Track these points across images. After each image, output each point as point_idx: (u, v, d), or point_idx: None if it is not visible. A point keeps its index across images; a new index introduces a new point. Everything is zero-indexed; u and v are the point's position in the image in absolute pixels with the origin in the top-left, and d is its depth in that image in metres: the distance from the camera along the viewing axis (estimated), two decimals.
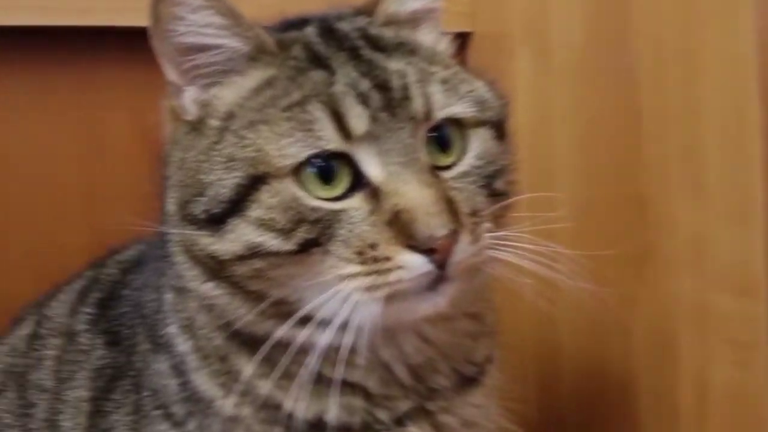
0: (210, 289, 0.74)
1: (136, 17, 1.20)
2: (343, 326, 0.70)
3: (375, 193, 0.70)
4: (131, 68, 1.19)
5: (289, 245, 0.69)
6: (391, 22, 0.80)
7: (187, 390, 0.78)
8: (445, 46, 0.83)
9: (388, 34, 0.78)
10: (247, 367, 0.76)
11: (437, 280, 0.70)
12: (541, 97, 1.18)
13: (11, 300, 1.15)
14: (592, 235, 1.05)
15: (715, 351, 0.89)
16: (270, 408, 0.76)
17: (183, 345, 0.79)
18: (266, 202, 0.70)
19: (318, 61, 0.74)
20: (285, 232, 0.69)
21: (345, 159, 0.71)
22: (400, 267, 0.69)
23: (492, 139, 0.77)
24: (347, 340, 0.70)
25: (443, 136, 0.75)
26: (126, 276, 0.93)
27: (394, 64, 0.74)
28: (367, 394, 0.77)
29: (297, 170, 0.70)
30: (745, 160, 0.83)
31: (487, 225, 0.74)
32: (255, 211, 0.70)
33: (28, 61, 1.24)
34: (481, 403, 0.84)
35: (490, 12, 1.31)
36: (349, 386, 0.76)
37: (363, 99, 0.71)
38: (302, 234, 0.69)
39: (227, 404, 0.77)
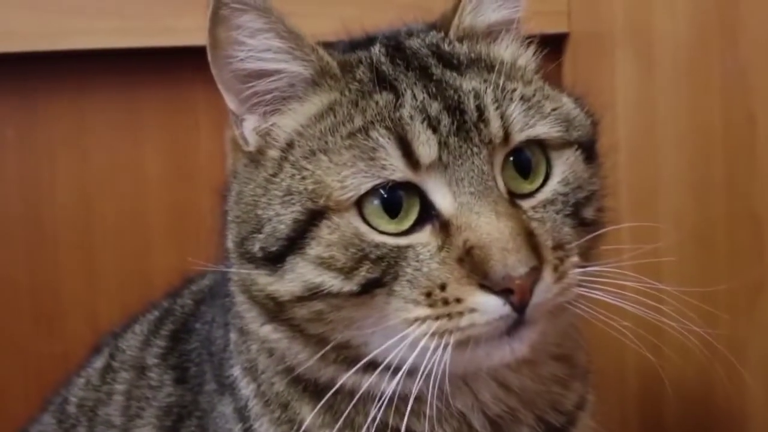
0: (269, 331, 0.70)
1: None
2: (411, 373, 0.63)
3: (445, 227, 0.63)
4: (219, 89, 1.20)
5: (350, 286, 0.63)
6: (467, 36, 0.73)
7: None
8: (527, 59, 0.74)
9: (463, 49, 0.71)
10: (309, 415, 0.71)
11: (515, 323, 0.62)
12: (645, 103, 1.08)
13: (99, 320, 1.20)
14: (701, 264, 0.95)
15: None
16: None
17: (246, 389, 0.75)
18: (326, 238, 0.64)
19: (384, 82, 0.67)
20: (346, 272, 0.63)
21: (413, 189, 0.64)
22: (472, 310, 0.61)
23: (580, 161, 0.69)
24: (415, 388, 0.63)
25: (524, 160, 0.67)
26: (199, 308, 0.90)
27: (468, 83, 0.67)
28: None
29: (359, 203, 0.64)
30: None
31: (574, 259, 0.65)
32: (314, 249, 0.64)
33: (114, 83, 1.25)
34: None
35: (588, 11, 1.22)
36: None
37: (432, 123, 0.64)
38: (364, 273, 0.63)
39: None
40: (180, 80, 1.25)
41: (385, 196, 0.64)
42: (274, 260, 0.66)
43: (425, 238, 0.64)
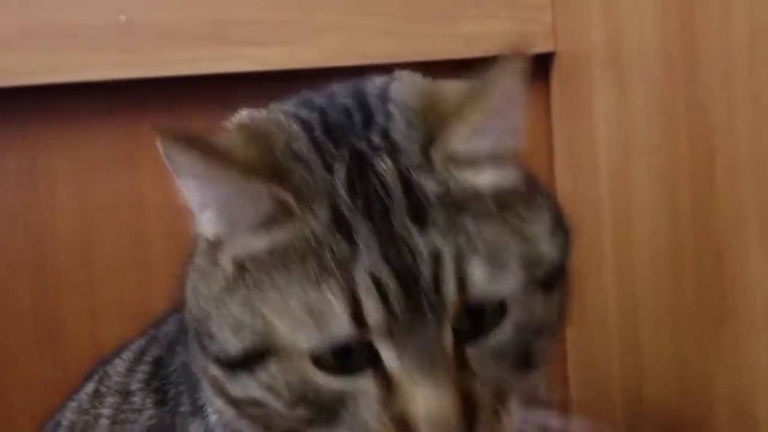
0: (221, 405, 0.72)
1: (215, 65, 1.24)
2: None
3: (388, 380, 0.63)
4: (215, 116, 1.22)
5: (292, 414, 0.65)
6: (451, 159, 0.65)
7: None
8: (511, 181, 0.67)
9: (434, 187, 0.64)
10: None
11: None
12: (622, 130, 1.09)
13: (101, 346, 1.22)
14: (673, 289, 0.95)
15: None
16: None
17: (212, 416, 0.77)
18: (272, 373, 0.64)
19: (341, 227, 0.63)
20: (289, 404, 0.65)
21: (361, 342, 0.63)
22: None
23: (540, 298, 0.66)
24: None
25: (477, 308, 0.64)
26: (182, 335, 0.93)
27: (429, 242, 0.61)
28: None
29: (308, 353, 0.64)
30: None
31: (514, 407, 0.65)
32: (261, 377, 0.65)
33: (113, 115, 1.28)
34: None
35: (572, 30, 1.23)
36: None
37: (381, 291, 0.61)
38: (304, 410, 0.65)
39: None
40: (178, 110, 1.28)
41: (334, 348, 0.63)
42: (225, 366, 0.67)
43: (368, 385, 0.63)
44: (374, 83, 0.72)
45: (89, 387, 0.96)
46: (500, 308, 0.64)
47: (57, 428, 0.96)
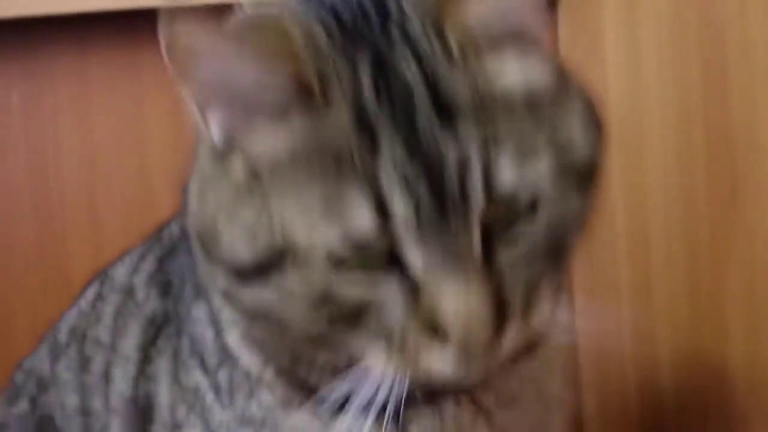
0: (230, 314, 0.71)
1: None
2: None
3: (414, 287, 0.60)
4: None
5: (310, 326, 0.62)
6: (469, 44, 0.61)
7: (219, 341, 0.75)
8: (539, 68, 0.63)
9: (459, 82, 0.60)
10: (254, 365, 0.73)
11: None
12: (632, 58, 1.07)
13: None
14: (685, 224, 0.93)
15: None
16: (292, 377, 0.71)
17: (216, 300, 0.75)
18: (288, 279, 0.60)
19: (364, 123, 0.59)
20: (307, 314, 0.61)
21: (383, 243, 0.59)
22: (428, 369, 0.61)
23: (572, 193, 0.62)
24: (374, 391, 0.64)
25: (508, 207, 0.60)
26: (186, 233, 0.92)
27: (454, 135, 0.58)
28: None
29: (327, 254, 0.60)
30: None
31: (545, 307, 0.63)
32: (276, 284, 0.61)
33: (116, 46, 1.27)
34: (532, 375, 0.73)
35: None
36: None
37: (407, 186, 0.58)
38: (325, 321, 0.61)
39: (253, 364, 0.72)
40: None
41: (356, 246, 0.59)
42: (234, 275, 0.63)
43: (392, 291, 0.60)
44: None
45: (90, 293, 0.95)
46: (532, 206, 0.61)
47: (57, 334, 0.94)
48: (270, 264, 0.61)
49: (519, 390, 0.73)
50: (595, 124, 0.65)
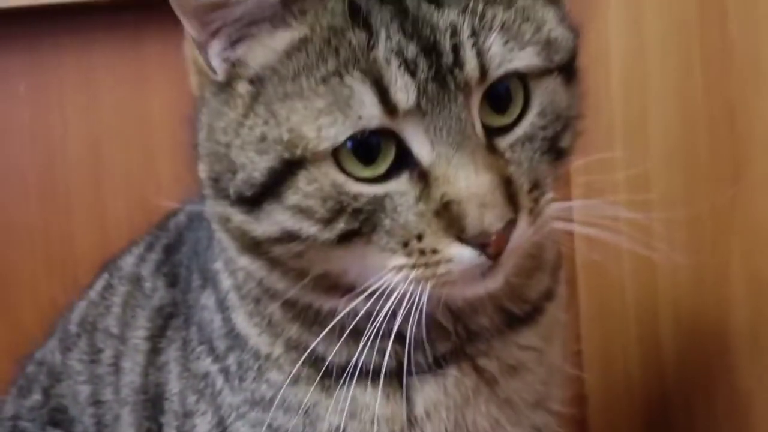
0: (247, 262, 0.70)
1: None
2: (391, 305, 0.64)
3: (423, 176, 0.62)
4: None
5: (328, 234, 0.63)
6: None
7: (228, 326, 0.76)
8: None
9: None
10: (278, 312, 0.73)
11: (490, 267, 0.63)
12: (634, 23, 1.07)
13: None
14: (685, 174, 0.95)
15: None
16: (300, 350, 0.72)
17: (225, 282, 0.77)
18: (303, 189, 0.63)
19: (357, 18, 0.63)
20: (324, 221, 0.63)
21: (389, 135, 0.62)
22: (449, 260, 0.62)
23: (560, 87, 0.67)
24: (391, 311, 0.65)
25: (501, 93, 0.65)
26: (192, 222, 0.93)
27: (445, 17, 0.63)
28: (403, 339, 0.70)
29: (336, 151, 0.62)
30: None
31: (549, 196, 0.66)
32: (291, 198, 0.63)
33: (120, 34, 1.28)
34: (533, 344, 0.76)
35: None
36: (387, 333, 0.69)
37: (409, 67, 0.61)
38: (342, 225, 0.63)
39: (261, 343, 0.74)
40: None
41: (362, 142, 0.62)
42: (250, 203, 0.65)
43: (403, 186, 0.63)
44: None
45: (99, 283, 0.97)
46: (525, 97, 0.65)
47: (67, 325, 0.96)
48: (283, 174, 0.63)
49: (521, 359, 0.75)
50: (571, 29, 0.70)
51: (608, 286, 1.11)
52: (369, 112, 0.61)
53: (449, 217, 0.62)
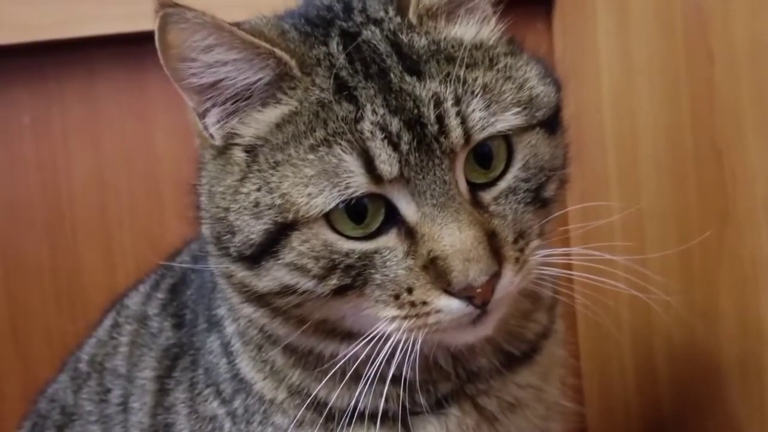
0: (250, 311, 0.74)
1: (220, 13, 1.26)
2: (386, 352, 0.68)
3: (411, 233, 0.66)
4: None
5: (323, 289, 0.67)
6: (427, 15, 0.71)
7: (233, 370, 0.79)
8: (489, 31, 0.73)
9: (422, 42, 0.69)
10: (279, 358, 0.77)
11: (479, 315, 0.67)
12: (623, 52, 1.10)
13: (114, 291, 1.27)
14: (676, 201, 0.97)
15: None
16: (303, 395, 0.75)
17: (229, 327, 0.80)
18: (297, 248, 0.67)
19: (343, 91, 0.67)
20: (319, 277, 0.67)
21: (378, 197, 0.66)
22: (438, 311, 0.66)
23: (542, 140, 0.70)
24: (387, 356, 0.68)
25: (485, 152, 0.68)
26: (197, 262, 0.95)
27: (428, 88, 0.66)
28: (404, 382, 0.74)
29: (328, 212, 0.66)
30: None
31: (534, 244, 0.69)
32: (287, 256, 0.67)
33: (124, 68, 1.30)
34: (531, 382, 0.79)
35: None
36: (385, 377, 0.72)
37: (392, 140, 0.65)
38: (336, 281, 0.67)
39: (265, 387, 0.77)
40: None
41: (352, 205, 0.66)
42: (250, 261, 0.69)
43: (392, 242, 0.66)
44: None
45: (107, 321, 1.00)
46: (508, 152, 0.69)
47: (77, 363, 0.99)
48: (279, 235, 0.67)
49: (519, 396, 0.78)
50: (553, 83, 0.73)
51: (605, 323, 1.13)
52: (356, 181, 0.65)
53: (436, 272, 0.65)
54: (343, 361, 0.70)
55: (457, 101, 0.66)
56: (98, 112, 1.32)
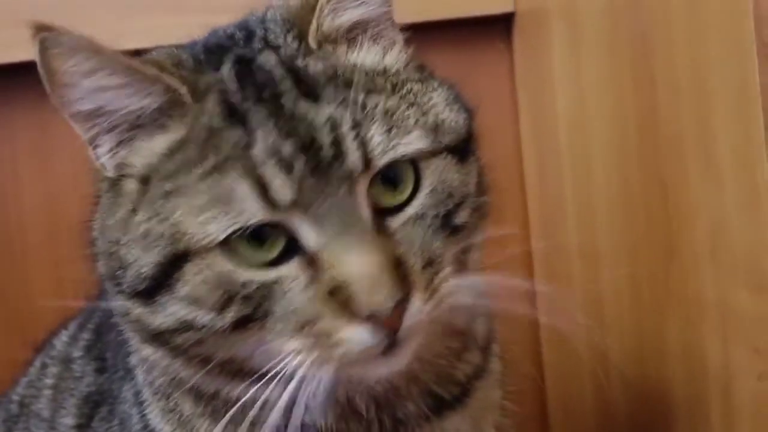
0: (150, 352, 0.70)
1: (172, 35, 1.24)
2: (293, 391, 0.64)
3: (313, 261, 0.62)
4: None
5: (222, 322, 0.64)
6: (326, 40, 0.69)
7: (143, 421, 0.76)
8: (394, 57, 0.71)
9: (319, 66, 0.67)
10: (186, 406, 0.73)
11: (390, 345, 0.63)
12: (576, 74, 1.07)
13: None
14: (627, 231, 0.94)
15: (739, 360, 0.76)
16: None
17: (140, 376, 0.77)
18: (192, 279, 0.63)
19: (234, 117, 0.64)
20: (216, 309, 0.63)
21: (276, 226, 0.63)
22: (344, 341, 0.62)
23: (451, 167, 0.67)
24: (298, 398, 0.64)
25: (391, 176, 0.65)
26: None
27: (324, 112, 0.63)
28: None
29: (222, 243, 0.63)
30: (751, 133, 0.70)
31: (446, 272, 0.66)
32: (182, 290, 0.64)
33: None
34: (461, 428, 0.75)
35: None
36: (296, 426, 0.67)
37: (285, 166, 0.61)
38: (234, 313, 0.63)
39: None
40: None
41: (248, 233, 0.62)
42: (144, 296, 0.66)
43: (293, 271, 0.63)
44: (255, 13, 0.74)
45: (37, 361, 0.97)
46: (415, 177, 0.66)
47: (9, 404, 0.96)
48: (171, 267, 0.64)
49: None
50: (464, 110, 0.71)
51: (569, 353, 1.11)
52: (250, 208, 0.62)
53: (340, 300, 0.62)
54: (253, 408, 0.66)
55: (356, 125, 0.63)
56: (47, 135, 1.28)
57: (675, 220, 0.83)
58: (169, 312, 0.65)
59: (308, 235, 0.62)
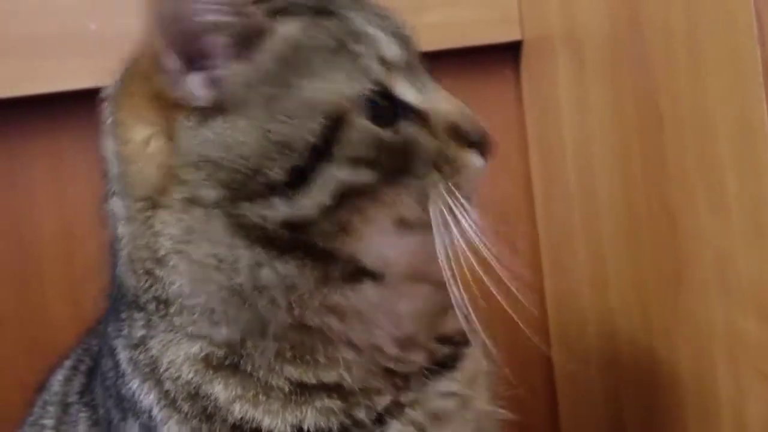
0: (278, 266, 0.70)
1: None
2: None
3: (423, 117, 0.74)
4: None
5: (379, 176, 0.70)
6: None
7: None
8: None
9: None
10: (222, 390, 0.73)
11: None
12: (581, 102, 1.08)
13: None
14: (631, 256, 0.94)
15: (750, 386, 0.76)
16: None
17: (146, 398, 0.75)
18: (347, 139, 0.70)
19: (324, 12, 0.73)
20: (373, 165, 0.70)
21: (386, 96, 0.72)
22: (467, 165, 0.75)
23: None
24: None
25: None
26: (102, 347, 0.88)
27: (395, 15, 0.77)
28: (343, 394, 0.73)
29: (360, 107, 0.71)
30: (756, 165, 0.71)
31: None
32: (340, 151, 0.70)
33: (88, 121, 1.27)
34: (454, 390, 0.78)
35: (535, 15, 1.22)
36: (325, 389, 0.73)
37: (385, 30, 0.74)
38: (385, 164, 0.71)
39: None
40: None
41: (373, 102, 0.71)
42: (296, 178, 0.69)
43: (411, 128, 0.73)
44: None
45: (40, 399, 0.96)
46: None
47: None
48: (328, 131, 0.69)
49: (444, 407, 0.77)
50: None
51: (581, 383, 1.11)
52: (374, 68, 0.71)
53: (456, 134, 0.74)
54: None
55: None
56: (63, 165, 1.31)
57: (683, 251, 0.84)
58: (327, 180, 0.69)
59: (412, 95, 0.73)
